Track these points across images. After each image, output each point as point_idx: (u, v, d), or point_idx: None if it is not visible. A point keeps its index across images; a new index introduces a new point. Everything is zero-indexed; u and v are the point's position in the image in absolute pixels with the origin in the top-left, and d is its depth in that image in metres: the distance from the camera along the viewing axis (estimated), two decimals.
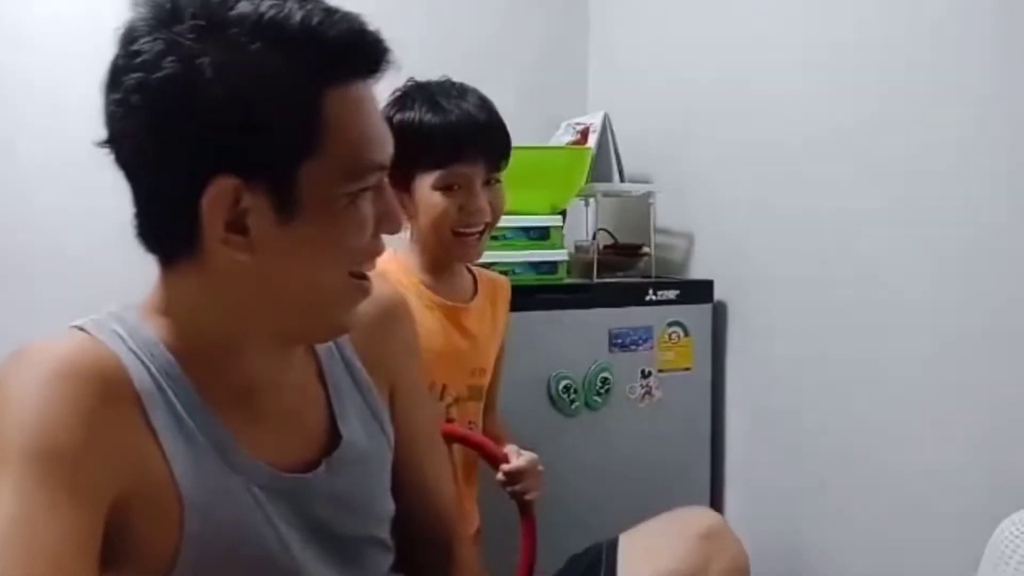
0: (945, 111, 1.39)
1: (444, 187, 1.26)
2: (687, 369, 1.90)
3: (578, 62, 2.43)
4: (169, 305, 0.71)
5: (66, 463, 0.59)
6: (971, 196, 1.35)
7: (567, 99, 2.36)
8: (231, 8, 0.62)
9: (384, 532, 0.84)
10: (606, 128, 2.02)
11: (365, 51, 0.66)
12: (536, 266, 1.78)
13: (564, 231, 1.87)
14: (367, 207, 0.68)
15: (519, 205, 1.62)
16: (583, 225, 2.09)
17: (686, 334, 1.89)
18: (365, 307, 0.75)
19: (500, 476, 1.32)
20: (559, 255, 1.80)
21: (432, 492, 0.93)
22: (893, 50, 1.48)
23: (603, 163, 2.00)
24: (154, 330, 0.70)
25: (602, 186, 1.96)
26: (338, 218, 0.66)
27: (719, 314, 1.93)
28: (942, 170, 1.40)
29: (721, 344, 1.93)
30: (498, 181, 1.32)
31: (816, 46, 1.65)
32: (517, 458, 1.33)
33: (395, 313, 0.89)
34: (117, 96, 0.63)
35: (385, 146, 0.69)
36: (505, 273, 1.73)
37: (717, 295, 1.92)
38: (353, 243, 0.69)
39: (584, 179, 1.89)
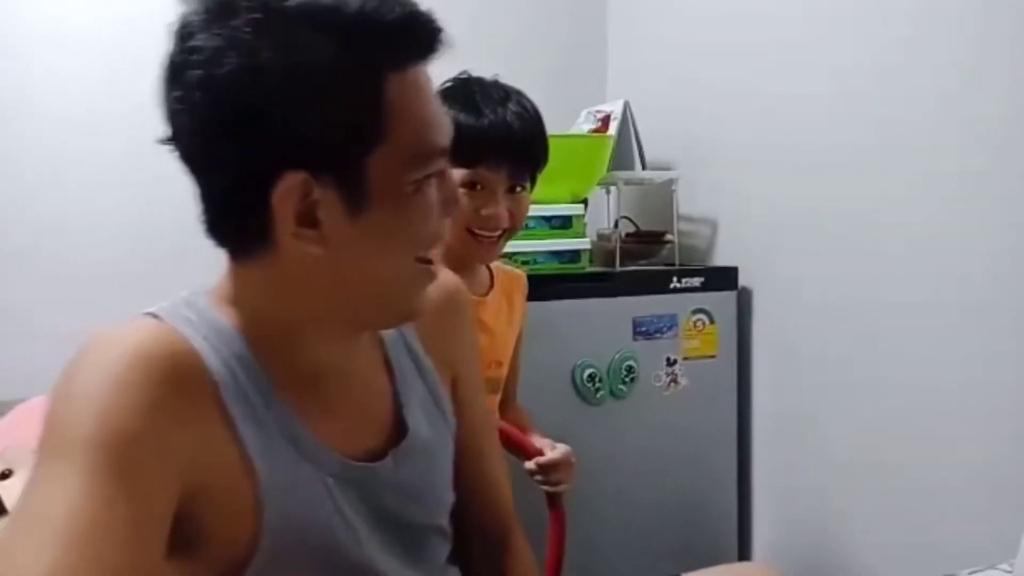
0: (974, 108, 1.36)
1: (467, 185, 1.26)
2: (712, 357, 1.88)
3: (598, 50, 2.42)
4: (239, 296, 0.71)
5: (131, 455, 0.59)
6: (1003, 194, 1.33)
7: (587, 87, 2.35)
8: (286, 0, 0.61)
9: (445, 521, 0.84)
10: (627, 116, 2.01)
11: (421, 34, 0.65)
12: (558, 255, 1.77)
13: (586, 220, 1.86)
14: (433, 193, 0.68)
15: (540, 194, 1.61)
16: (605, 213, 2.08)
17: (711, 321, 1.88)
18: (428, 294, 0.75)
19: (531, 465, 1.31)
20: (581, 244, 1.80)
21: (491, 483, 0.93)
22: (921, 43, 1.46)
23: (624, 151, 1.99)
24: (225, 318, 0.70)
25: (623, 174, 1.95)
26: (406, 206, 0.66)
27: (744, 301, 1.91)
28: (974, 168, 1.38)
29: (746, 331, 1.92)
30: (523, 190, 1.31)
31: (844, 33, 1.63)
32: (552, 451, 1.32)
33: (457, 301, 0.88)
34: (178, 93, 0.63)
35: (446, 129, 0.69)
36: (527, 263, 1.73)
37: (742, 282, 1.91)
38: (421, 230, 0.68)
39: (605, 167, 1.87)
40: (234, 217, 0.66)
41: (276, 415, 0.69)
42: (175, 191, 2.05)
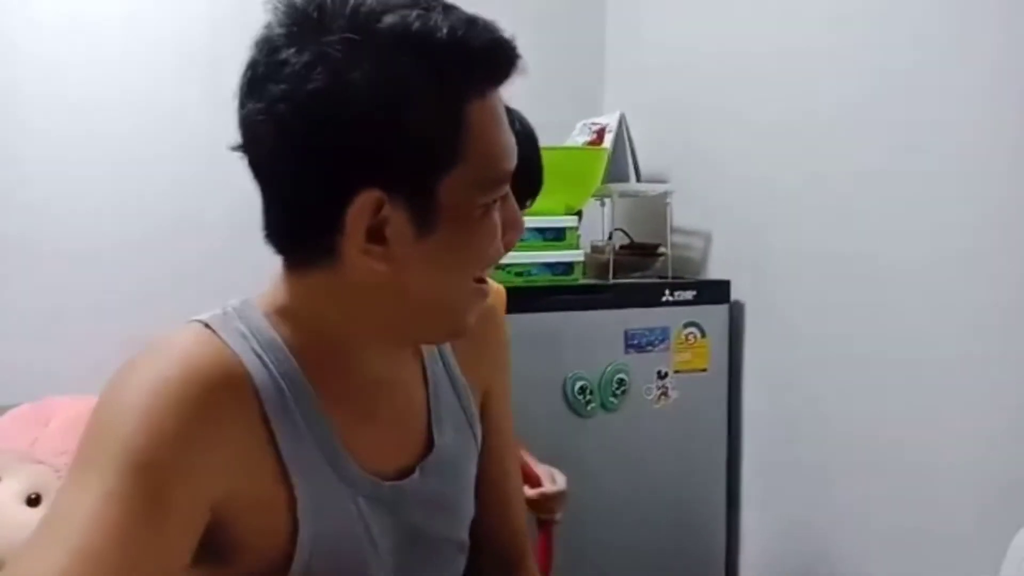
0: (971, 132, 1.37)
1: None
2: (703, 370, 1.89)
3: (595, 63, 2.43)
4: (294, 306, 0.71)
5: (159, 478, 0.60)
6: (996, 196, 1.34)
7: (583, 100, 2.36)
8: (378, 20, 0.61)
9: (466, 535, 0.84)
10: (622, 128, 2.02)
11: (504, 60, 0.65)
12: (552, 267, 1.78)
13: (580, 231, 1.87)
14: (497, 216, 0.69)
15: (535, 206, 1.62)
16: (599, 225, 2.09)
17: (703, 335, 1.88)
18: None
19: (532, 494, 1.31)
20: (575, 256, 1.80)
21: (509, 504, 0.93)
22: (920, 53, 1.47)
23: (619, 163, 2.00)
24: (277, 330, 0.70)
25: (618, 186, 1.96)
26: (473, 229, 0.67)
27: (736, 315, 1.92)
28: (964, 171, 1.39)
29: (738, 345, 1.92)
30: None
31: (839, 50, 1.64)
32: (551, 483, 1.33)
33: (493, 316, 0.88)
34: (259, 105, 0.62)
35: (514, 154, 0.69)
36: (520, 274, 1.73)
37: (734, 295, 1.91)
38: (483, 252, 0.69)
39: (600, 179, 1.88)
40: (303, 228, 0.67)
41: (317, 434, 0.70)
42: (168, 190, 1.97)
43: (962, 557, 1.38)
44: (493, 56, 0.64)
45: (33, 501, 1.63)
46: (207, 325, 0.69)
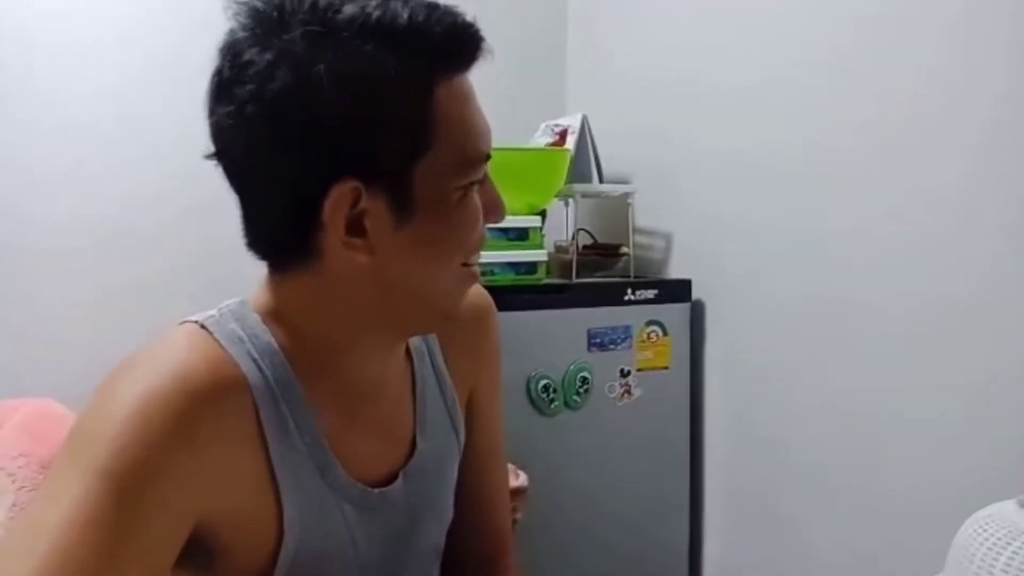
0: (925, 114, 1.41)
1: None
2: (665, 368, 1.91)
3: (557, 64, 2.44)
4: (284, 309, 0.70)
5: (140, 487, 0.59)
6: (968, 200, 1.37)
7: (546, 101, 2.37)
8: (338, 12, 0.62)
9: (443, 537, 0.85)
10: (585, 129, 2.03)
11: (467, 43, 0.66)
12: (515, 266, 1.79)
13: (543, 231, 1.88)
14: (476, 199, 0.69)
15: None
16: (563, 225, 2.10)
17: (664, 333, 1.91)
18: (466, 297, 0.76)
19: None
20: (538, 255, 1.81)
21: (490, 505, 0.93)
22: (875, 52, 1.51)
23: (582, 164, 2.01)
24: (272, 334, 0.70)
25: (581, 187, 1.97)
26: (451, 214, 0.67)
27: (697, 313, 1.95)
28: (921, 171, 1.43)
29: (699, 343, 1.95)
30: None
31: (796, 49, 1.68)
32: (514, 479, 1.33)
33: (485, 317, 0.88)
34: (228, 108, 0.62)
35: (489, 136, 0.70)
36: (484, 273, 1.73)
37: (695, 295, 1.94)
38: (465, 236, 0.69)
39: (563, 180, 1.90)
40: (281, 230, 0.66)
41: (309, 442, 0.69)
42: (154, 187, 1.91)
43: (914, 548, 1.42)
44: (456, 39, 0.65)
45: None
46: (203, 326, 0.68)
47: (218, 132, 0.65)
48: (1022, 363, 1.28)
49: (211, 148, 0.66)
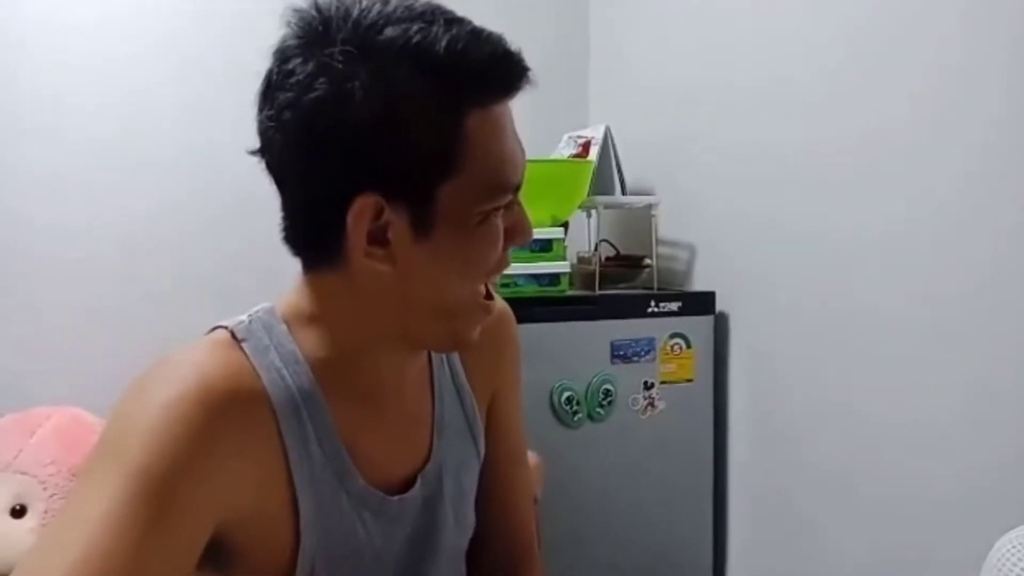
0: (953, 127, 1.40)
1: None
2: (689, 381, 1.90)
3: (579, 76, 2.45)
4: (317, 310, 0.73)
5: (168, 489, 0.61)
6: (991, 211, 1.35)
7: (569, 112, 2.38)
8: (380, 32, 0.63)
9: (465, 544, 0.85)
10: (607, 141, 2.04)
11: (507, 74, 0.67)
12: (538, 278, 1.79)
13: (566, 243, 1.88)
14: (499, 224, 0.70)
15: None
16: (585, 237, 2.10)
17: (688, 346, 1.90)
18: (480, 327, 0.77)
19: None
20: (561, 267, 1.81)
21: (514, 511, 0.94)
22: (901, 65, 1.49)
23: (605, 175, 2.02)
24: (297, 341, 0.72)
25: (604, 198, 1.97)
26: (471, 235, 0.68)
27: (721, 326, 1.94)
28: (948, 186, 1.41)
29: (723, 356, 1.94)
30: None
31: (821, 60, 1.67)
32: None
33: (503, 324, 0.89)
34: (270, 112, 0.66)
35: (520, 167, 0.71)
36: (507, 285, 1.74)
37: (719, 307, 1.93)
38: (483, 258, 0.70)
39: (586, 191, 1.90)
40: (311, 230, 0.69)
41: (328, 449, 0.71)
42: (159, 194, 1.94)
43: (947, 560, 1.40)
44: (493, 70, 0.66)
45: (18, 512, 1.62)
46: (233, 334, 0.70)
47: (261, 132, 0.68)
48: None
49: (256, 144, 0.69)
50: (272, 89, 0.66)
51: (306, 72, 0.63)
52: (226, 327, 0.71)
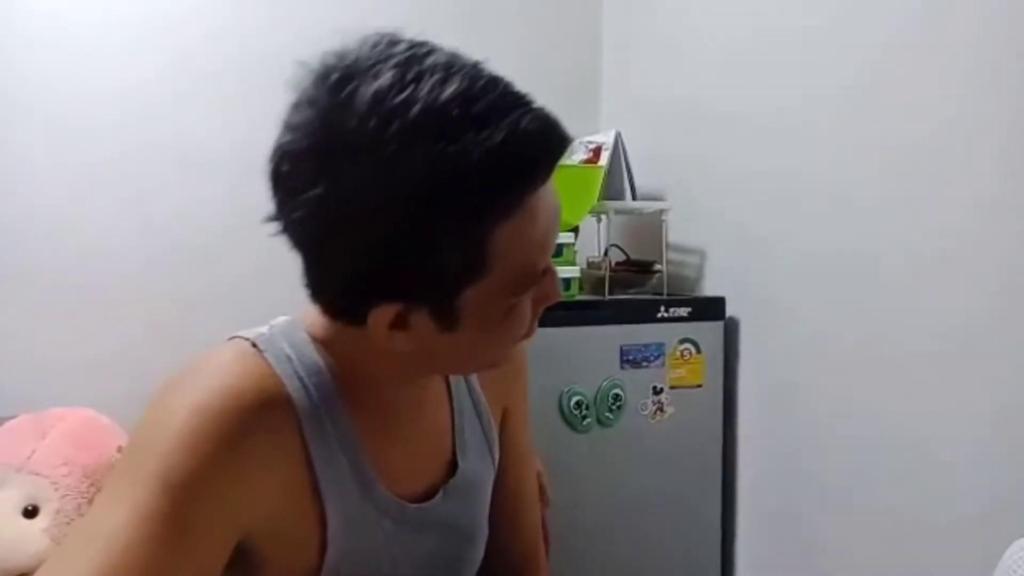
0: (964, 144, 1.39)
1: None
2: (698, 386, 1.90)
3: (591, 81, 2.46)
4: (333, 341, 0.72)
5: (190, 501, 0.60)
6: (1004, 223, 1.35)
7: (580, 118, 2.38)
8: (401, 159, 0.56)
9: (479, 555, 0.86)
10: (618, 146, 2.04)
11: (549, 162, 0.61)
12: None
13: (577, 248, 1.88)
14: (527, 305, 0.67)
15: None
16: (595, 242, 2.10)
17: (698, 351, 1.89)
18: None
19: None
20: (571, 272, 1.82)
21: (523, 518, 0.95)
22: (914, 79, 1.49)
23: (615, 181, 2.02)
24: (319, 355, 0.71)
25: (614, 204, 1.98)
26: (497, 325, 0.67)
27: (730, 331, 1.93)
28: (959, 201, 1.41)
29: (732, 361, 1.94)
30: None
31: (828, 69, 1.67)
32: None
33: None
34: (282, 211, 0.62)
35: (551, 247, 0.66)
36: None
37: (729, 312, 1.93)
38: (512, 337, 0.70)
39: (596, 197, 1.90)
40: (330, 304, 0.67)
41: (351, 458, 0.71)
42: (162, 209, 1.96)
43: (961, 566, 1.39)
44: (534, 172, 0.61)
45: (30, 512, 1.63)
46: (254, 344, 0.69)
47: (276, 216, 0.63)
48: None
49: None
50: (281, 188, 0.61)
51: (315, 195, 0.58)
52: (245, 337, 0.70)
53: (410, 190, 0.57)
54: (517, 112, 0.59)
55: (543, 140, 0.60)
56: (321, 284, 0.66)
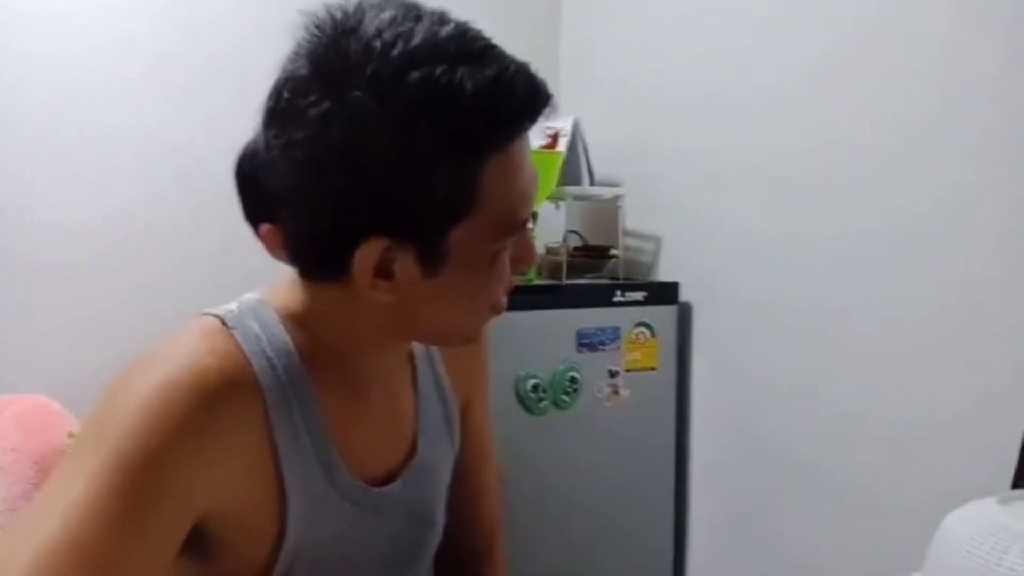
0: (922, 132, 1.43)
1: None
2: (653, 369, 1.93)
3: (549, 68, 2.45)
4: (304, 313, 0.71)
5: (148, 479, 0.60)
6: (950, 203, 1.39)
7: None
8: (402, 79, 0.59)
9: (438, 539, 0.86)
10: (576, 133, 2.05)
11: (533, 111, 0.64)
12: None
13: (535, 233, 1.89)
14: (507, 259, 0.69)
15: None
16: (554, 227, 2.12)
17: (652, 335, 1.93)
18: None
19: None
20: None
21: (482, 504, 0.96)
22: (865, 57, 1.53)
23: (573, 167, 2.03)
24: (289, 334, 0.70)
25: (572, 189, 1.99)
26: (480, 272, 0.68)
27: (684, 315, 1.97)
28: (908, 176, 1.45)
29: (686, 345, 1.98)
30: None
31: (785, 55, 1.70)
32: None
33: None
34: (278, 141, 0.63)
35: (532, 199, 0.68)
36: None
37: (683, 297, 1.97)
38: (491, 292, 0.70)
39: (555, 182, 1.92)
40: (314, 254, 0.68)
41: (316, 440, 0.70)
42: (153, 189, 1.91)
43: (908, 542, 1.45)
44: (520, 114, 0.64)
45: None
46: (223, 322, 0.69)
47: (266, 152, 0.65)
48: (1004, 365, 1.31)
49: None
50: (280, 116, 0.63)
51: (320, 113, 0.60)
52: (214, 314, 0.70)
53: (408, 108, 0.59)
54: (507, 59, 0.64)
55: (530, 85, 0.64)
56: (309, 222, 0.65)
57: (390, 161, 0.60)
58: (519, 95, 0.63)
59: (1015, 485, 1.02)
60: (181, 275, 2.01)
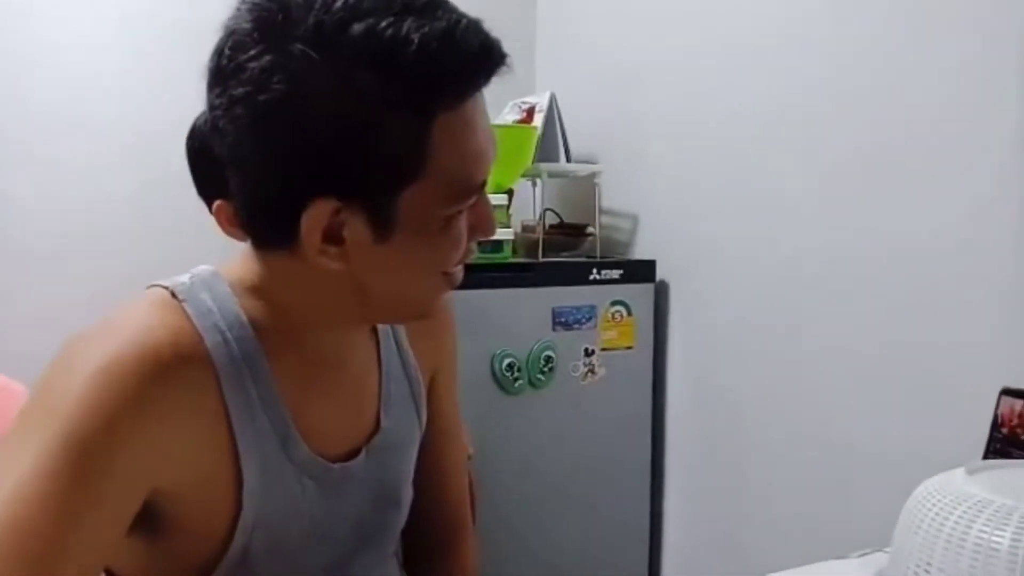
0: (891, 95, 1.43)
1: None
2: (629, 348, 1.93)
3: (526, 42, 2.43)
4: (258, 282, 0.70)
5: (94, 455, 0.58)
6: (921, 185, 1.39)
7: (514, 78, 2.34)
8: (344, 30, 0.58)
9: (404, 517, 0.85)
10: (553, 108, 2.03)
11: (484, 71, 0.62)
12: (481, 244, 1.78)
13: (511, 210, 1.87)
14: (462, 224, 0.67)
15: None
16: (530, 205, 2.10)
17: (628, 313, 1.92)
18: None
19: None
20: (505, 234, 1.81)
21: (449, 482, 0.94)
22: (842, 33, 1.52)
23: (549, 143, 2.01)
24: (242, 305, 0.69)
25: (548, 166, 1.97)
26: (433, 239, 0.65)
27: (661, 294, 1.97)
28: (897, 162, 1.44)
29: (662, 323, 1.97)
30: None
31: (764, 24, 1.68)
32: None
33: (447, 304, 0.89)
34: (220, 100, 0.61)
35: (488, 162, 0.66)
36: None
37: (659, 275, 1.96)
38: (445, 257, 0.68)
39: (530, 158, 1.89)
40: (262, 218, 0.66)
41: (271, 415, 0.69)
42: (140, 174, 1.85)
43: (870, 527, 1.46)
44: (468, 69, 0.61)
45: None
46: (173, 294, 0.67)
47: (210, 112, 0.63)
48: (973, 340, 1.31)
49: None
50: (223, 74, 0.60)
51: (260, 67, 0.58)
52: (165, 286, 0.68)
53: (351, 61, 0.58)
54: (457, 13, 0.61)
55: (482, 41, 0.62)
56: (256, 184, 0.63)
57: (333, 116, 0.58)
58: (469, 50, 0.61)
59: (986, 455, 1.02)
60: (164, 262, 1.97)
